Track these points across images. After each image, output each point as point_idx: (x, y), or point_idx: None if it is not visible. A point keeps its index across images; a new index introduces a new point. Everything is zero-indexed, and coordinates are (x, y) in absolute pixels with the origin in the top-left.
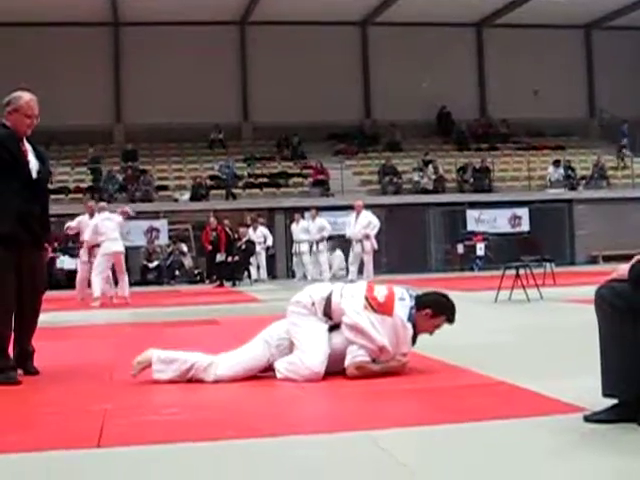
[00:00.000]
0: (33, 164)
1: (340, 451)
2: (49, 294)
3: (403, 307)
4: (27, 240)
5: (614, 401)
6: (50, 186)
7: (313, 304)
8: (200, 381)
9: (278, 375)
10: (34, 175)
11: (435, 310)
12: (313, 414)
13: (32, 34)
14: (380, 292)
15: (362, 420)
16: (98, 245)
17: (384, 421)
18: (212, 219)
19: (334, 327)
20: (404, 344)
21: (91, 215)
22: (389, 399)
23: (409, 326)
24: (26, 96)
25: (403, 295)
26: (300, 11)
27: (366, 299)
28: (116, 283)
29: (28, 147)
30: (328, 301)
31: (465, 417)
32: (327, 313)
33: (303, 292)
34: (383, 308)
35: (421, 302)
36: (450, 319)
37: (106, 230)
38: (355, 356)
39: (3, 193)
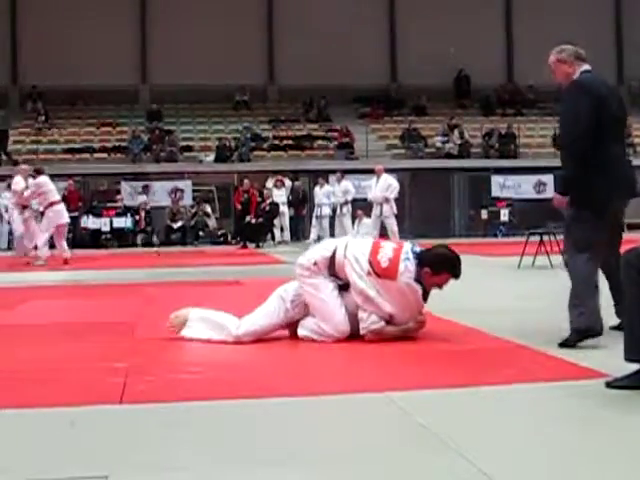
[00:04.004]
0: None
1: (359, 411)
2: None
3: (408, 267)
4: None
5: (637, 367)
6: (76, 146)
7: (315, 263)
8: (223, 342)
9: (302, 336)
10: None
11: (433, 268)
12: (331, 375)
13: None
14: (385, 255)
15: (381, 381)
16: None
17: (403, 382)
18: (246, 181)
19: (344, 286)
20: (418, 305)
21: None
22: (408, 361)
23: (417, 287)
24: None
25: (408, 254)
26: None
27: (370, 263)
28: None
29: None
30: (332, 261)
31: (485, 380)
32: (333, 273)
33: (305, 254)
34: (386, 272)
35: (421, 260)
36: (454, 274)
37: None
38: (368, 325)
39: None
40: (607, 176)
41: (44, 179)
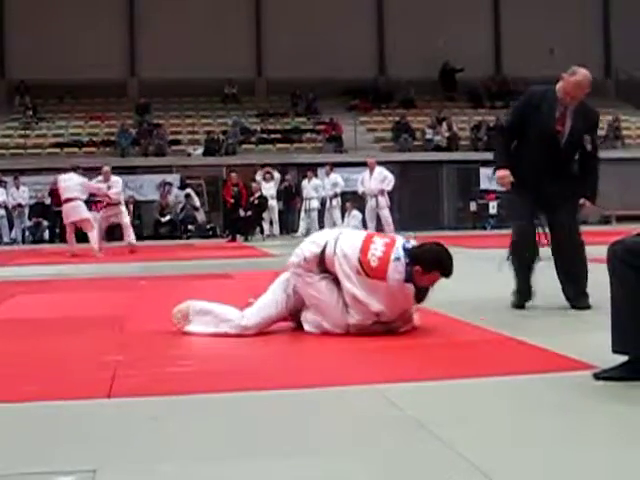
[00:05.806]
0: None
1: (348, 404)
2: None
3: (398, 268)
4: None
5: (624, 358)
6: (64, 140)
7: (305, 260)
8: (225, 334)
9: (308, 330)
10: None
11: (424, 267)
12: (322, 368)
13: None
14: (375, 253)
15: (370, 374)
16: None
17: (392, 375)
18: (233, 174)
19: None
20: (407, 305)
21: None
22: (397, 354)
23: (409, 286)
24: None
25: (398, 253)
26: None
27: (359, 262)
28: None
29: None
30: (322, 258)
31: (474, 372)
32: (324, 269)
33: (296, 251)
34: (376, 273)
35: (413, 258)
36: (445, 273)
37: None
38: (353, 323)
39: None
40: None
41: (61, 176)
